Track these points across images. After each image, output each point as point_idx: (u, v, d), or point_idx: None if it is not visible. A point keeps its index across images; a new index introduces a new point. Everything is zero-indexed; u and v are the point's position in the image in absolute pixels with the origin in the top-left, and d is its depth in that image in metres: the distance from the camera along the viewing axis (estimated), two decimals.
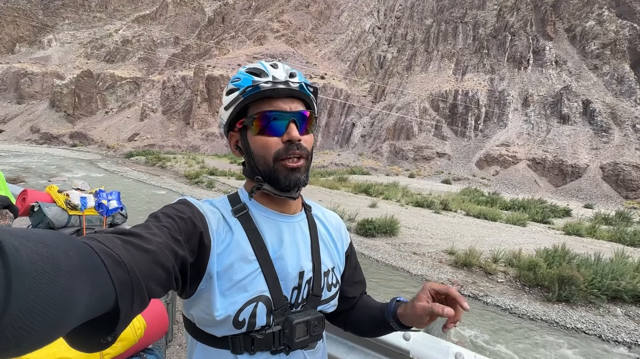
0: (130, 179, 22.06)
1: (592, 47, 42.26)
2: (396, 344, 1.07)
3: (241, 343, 0.68)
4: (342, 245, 0.90)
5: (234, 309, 0.65)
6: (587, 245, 10.61)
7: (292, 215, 0.80)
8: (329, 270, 0.82)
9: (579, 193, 30.21)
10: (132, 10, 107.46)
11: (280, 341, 0.70)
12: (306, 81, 0.77)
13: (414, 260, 8.73)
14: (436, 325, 1.12)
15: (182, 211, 0.65)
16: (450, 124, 43.28)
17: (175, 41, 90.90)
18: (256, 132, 0.73)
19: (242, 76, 0.75)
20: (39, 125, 61.66)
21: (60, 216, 1.79)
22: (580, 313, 6.33)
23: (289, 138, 0.72)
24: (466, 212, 15.37)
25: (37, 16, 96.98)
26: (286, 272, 0.73)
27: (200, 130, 54.84)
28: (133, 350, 1.39)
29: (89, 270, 0.37)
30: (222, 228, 0.70)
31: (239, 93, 0.73)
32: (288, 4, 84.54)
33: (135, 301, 0.45)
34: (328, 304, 0.81)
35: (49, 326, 0.30)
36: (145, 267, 0.48)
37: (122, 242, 0.47)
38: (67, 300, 0.32)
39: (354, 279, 0.92)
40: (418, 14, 69.34)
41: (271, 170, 0.73)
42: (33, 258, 0.30)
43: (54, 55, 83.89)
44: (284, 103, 0.73)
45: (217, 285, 0.65)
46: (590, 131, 35.31)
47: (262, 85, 0.71)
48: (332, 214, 0.94)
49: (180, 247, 0.58)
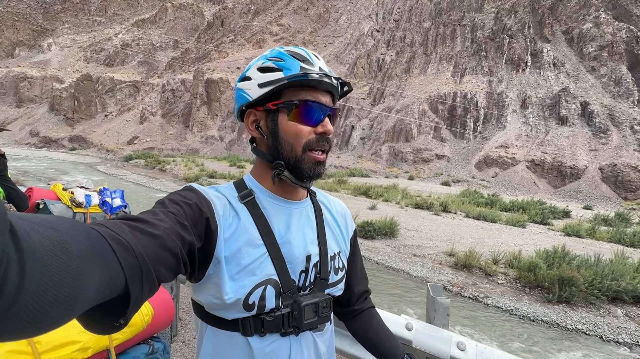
0: (130, 182, 22.05)
1: (590, 49, 42.52)
2: (399, 334, 1.08)
3: (251, 325, 0.68)
4: (348, 231, 0.91)
5: (244, 293, 0.66)
6: (587, 246, 10.61)
7: (298, 201, 0.81)
8: (335, 254, 0.83)
9: (578, 194, 30.25)
10: (131, 14, 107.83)
11: (289, 323, 0.71)
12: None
13: (414, 262, 8.73)
14: (438, 315, 1.13)
15: (188, 197, 0.65)
16: (449, 126, 43.39)
17: (174, 45, 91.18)
18: (295, 119, 0.72)
19: (287, 58, 0.74)
20: (38, 128, 61.64)
21: (64, 214, 1.82)
22: (580, 314, 6.33)
23: (324, 130, 0.73)
24: (466, 214, 15.39)
25: (37, 20, 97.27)
26: (293, 256, 0.73)
27: (200, 133, 54.89)
28: (141, 336, 1.41)
29: (98, 254, 0.38)
30: (228, 213, 0.70)
31: (285, 76, 0.71)
32: (287, 7, 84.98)
33: (144, 286, 0.46)
34: (335, 288, 0.82)
35: (62, 308, 0.31)
36: (153, 252, 0.49)
37: (129, 228, 0.48)
38: (78, 284, 0.33)
39: (355, 266, 0.93)
40: (416, 17, 69.75)
41: (298, 158, 0.73)
42: (44, 243, 0.30)
43: (54, 59, 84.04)
44: (322, 96, 0.74)
45: (226, 270, 0.66)
46: (588, 132, 35.44)
47: (312, 75, 0.71)
48: (337, 201, 0.95)
49: (187, 232, 0.58)
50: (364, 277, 0.97)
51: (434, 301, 1.32)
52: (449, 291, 7.22)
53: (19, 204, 1.78)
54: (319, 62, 0.76)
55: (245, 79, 0.76)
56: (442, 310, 1.23)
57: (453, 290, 7.18)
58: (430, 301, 1.36)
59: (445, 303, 1.29)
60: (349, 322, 0.94)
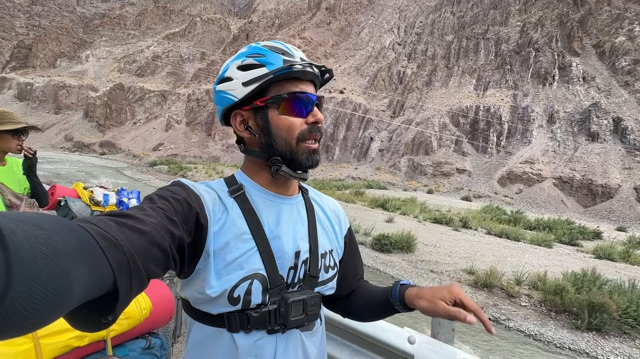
0: (153, 187, 22.86)
1: (623, 63, 40.71)
2: (401, 348, 1.03)
3: (237, 321, 0.67)
4: (341, 230, 0.89)
5: (230, 285, 0.65)
6: (620, 270, 9.92)
7: (289, 196, 0.80)
8: (327, 252, 0.81)
9: (610, 214, 28.48)
10: (163, 28, 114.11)
11: (276, 321, 0.69)
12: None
13: (431, 278, 8.43)
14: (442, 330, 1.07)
15: (177, 192, 0.64)
16: (470, 140, 42.40)
17: (201, 56, 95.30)
18: (284, 112, 0.72)
19: (267, 53, 0.72)
20: (72, 134, 65.56)
21: (83, 211, 1.91)
22: (613, 344, 5.85)
23: (315, 119, 0.73)
24: (487, 231, 14.81)
25: (78, 34, 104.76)
26: (282, 251, 0.72)
27: (221, 141, 56.46)
28: (138, 330, 1.41)
29: (85, 251, 0.37)
30: (217, 207, 0.69)
31: (270, 71, 0.70)
32: (310, 21, 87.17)
33: (133, 282, 0.45)
34: (325, 287, 0.80)
35: (50, 306, 0.31)
36: (142, 248, 0.48)
37: (116, 224, 0.47)
38: (65, 281, 0.32)
39: (353, 265, 0.91)
40: (439, 30, 69.58)
41: (293, 151, 0.72)
42: (30, 241, 0.30)
43: (90, 69, 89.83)
44: (306, 86, 0.74)
45: (213, 264, 0.65)
46: (622, 150, 33.57)
47: (296, 67, 0.70)
48: (330, 199, 0.93)
49: (176, 227, 0.58)
50: (361, 269, 0.95)
51: None
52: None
53: (41, 200, 1.88)
54: (298, 54, 0.75)
55: (225, 80, 0.74)
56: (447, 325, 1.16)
57: None
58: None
59: None
60: (349, 308, 0.92)
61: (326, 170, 43.44)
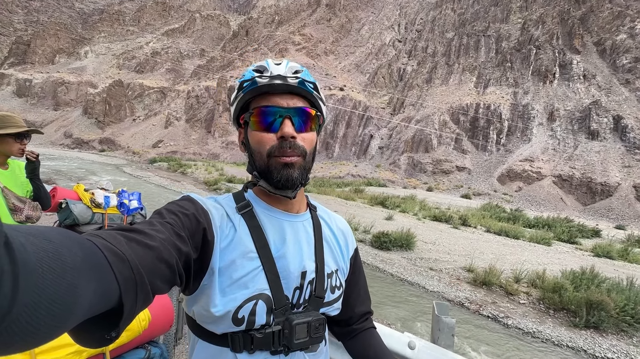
0: (152, 184, 22.85)
1: (624, 61, 40.62)
2: (401, 353, 1.04)
3: (240, 341, 0.66)
4: (348, 250, 0.88)
5: (234, 306, 0.64)
6: (618, 268, 9.96)
7: (296, 214, 0.79)
8: (333, 272, 0.80)
9: (609, 212, 28.57)
10: (162, 24, 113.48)
11: (280, 342, 0.68)
12: (309, 78, 0.75)
13: (430, 276, 8.47)
14: (443, 335, 1.08)
15: (186, 207, 0.64)
16: (470, 138, 42.38)
17: (201, 53, 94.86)
18: (254, 127, 0.72)
19: (247, 73, 0.74)
20: (71, 130, 65.40)
21: (85, 213, 1.91)
22: (610, 342, 5.89)
23: (281, 134, 0.69)
24: (486, 228, 14.85)
25: (77, 30, 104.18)
26: (288, 271, 0.71)
27: (221, 138, 56.39)
28: (137, 341, 1.40)
29: (92, 266, 0.37)
30: (225, 224, 0.69)
31: (238, 89, 0.73)
32: (310, 17, 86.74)
33: (139, 298, 0.45)
34: (331, 307, 0.79)
35: (54, 321, 0.31)
36: (149, 264, 0.48)
37: (125, 239, 0.47)
38: (72, 296, 0.32)
39: (357, 287, 0.90)
40: (439, 27, 69.30)
41: (266, 165, 0.71)
42: (39, 255, 0.30)
43: (89, 66, 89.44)
44: (282, 99, 0.71)
45: (218, 281, 0.65)
46: (621, 148, 33.59)
47: (258, 81, 0.70)
48: (339, 217, 0.92)
49: (183, 243, 0.57)
50: (367, 298, 0.93)
51: (439, 320, 1.26)
52: (467, 309, 6.94)
53: (44, 202, 1.89)
54: (275, 68, 0.73)
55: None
56: (447, 330, 1.17)
57: (471, 308, 6.89)
58: (435, 320, 1.30)
59: (451, 322, 1.23)
60: (348, 342, 0.90)
61: (326, 168, 43.46)
